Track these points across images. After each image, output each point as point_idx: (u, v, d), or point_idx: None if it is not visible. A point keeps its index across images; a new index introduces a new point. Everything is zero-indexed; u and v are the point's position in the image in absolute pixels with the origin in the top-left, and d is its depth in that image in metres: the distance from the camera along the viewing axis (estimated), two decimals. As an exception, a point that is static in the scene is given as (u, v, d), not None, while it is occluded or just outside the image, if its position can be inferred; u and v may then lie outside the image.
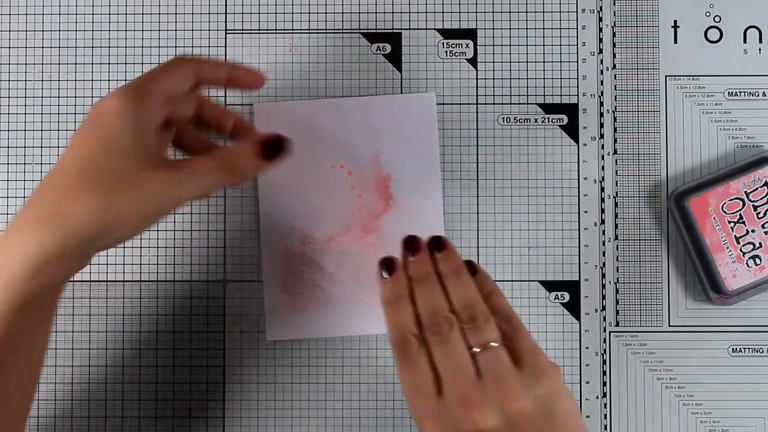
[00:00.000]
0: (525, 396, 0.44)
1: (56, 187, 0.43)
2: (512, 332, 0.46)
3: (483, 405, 0.44)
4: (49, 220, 0.42)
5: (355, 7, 0.58)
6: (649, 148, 0.58)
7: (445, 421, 0.44)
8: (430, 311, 0.47)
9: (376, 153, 0.57)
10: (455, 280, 0.48)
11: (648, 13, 0.58)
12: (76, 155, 0.43)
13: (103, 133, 0.43)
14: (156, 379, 0.57)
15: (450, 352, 0.45)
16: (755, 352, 0.57)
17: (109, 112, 0.44)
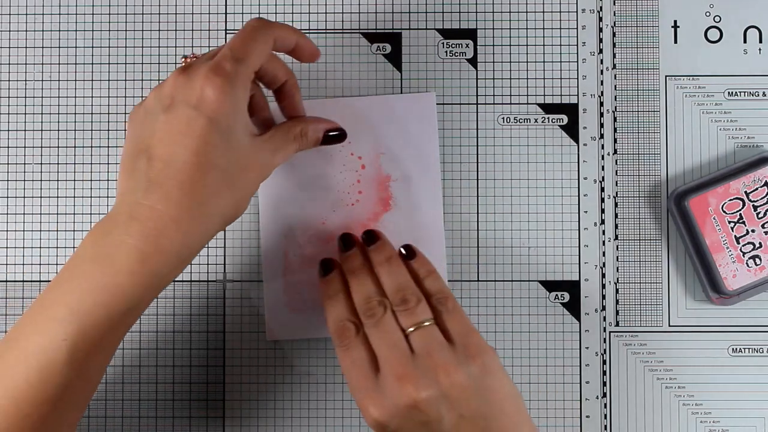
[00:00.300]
0: (458, 370, 0.46)
1: (178, 184, 0.44)
2: (447, 313, 0.49)
3: (417, 378, 0.46)
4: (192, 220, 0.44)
5: (355, 7, 0.58)
6: (649, 148, 0.58)
7: (384, 398, 0.46)
8: (363, 298, 0.49)
9: (376, 153, 0.57)
10: (387, 267, 0.51)
11: (648, 13, 0.58)
12: (188, 147, 0.44)
13: (212, 126, 0.44)
14: (156, 379, 0.57)
15: (384, 333, 0.48)
16: (755, 352, 0.57)
17: (211, 103, 0.44)
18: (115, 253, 0.43)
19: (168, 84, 0.45)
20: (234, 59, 0.45)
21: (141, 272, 0.43)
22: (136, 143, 0.45)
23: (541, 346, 0.57)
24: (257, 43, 0.46)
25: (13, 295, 0.57)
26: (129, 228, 0.43)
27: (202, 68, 0.45)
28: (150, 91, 0.50)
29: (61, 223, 0.57)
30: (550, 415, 0.57)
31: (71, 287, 0.44)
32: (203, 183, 0.44)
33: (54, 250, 0.57)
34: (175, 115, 0.44)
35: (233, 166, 0.45)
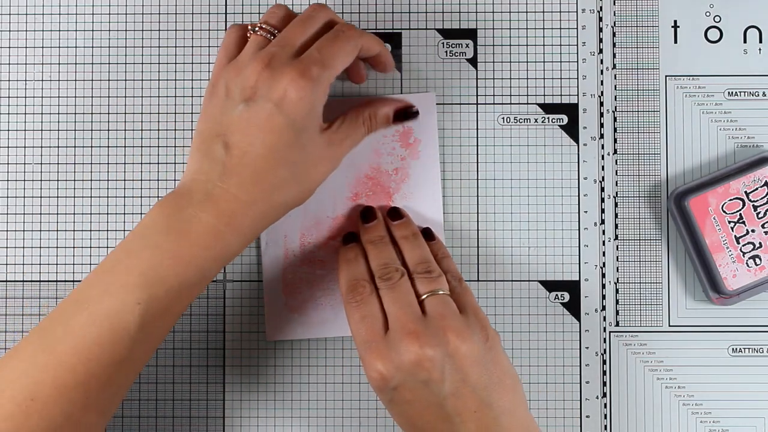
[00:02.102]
0: (466, 335, 0.48)
1: (252, 174, 0.47)
2: (461, 290, 0.51)
3: (426, 336, 0.47)
4: (261, 205, 0.47)
5: (356, 7, 0.58)
6: (649, 148, 0.58)
7: (390, 353, 0.47)
8: (382, 263, 0.51)
9: (376, 153, 0.57)
10: (412, 241, 0.53)
11: (648, 13, 0.58)
12: (265, 141, 0.47)
13: (289, 125, 0.47)
14: (156, 379, 0.57)
15: (399, 294, 0.49)
16: (755, 352, 0.57)
17: (292, 104, 0.47)
18: (189, 227, 0.46)
19: (251, 76, 0.47)
20: (321, 65, 0.47)
21: (214, 246, 0.47)
22: (213, 126, 0.48)
23: (541, 346, 0.57)
24: (344, 52, 0.49)
25: (13, 295, 0.57)
26: (205, 206, 0.47)
27: (287, 68, 0.47)
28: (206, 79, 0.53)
29: (61, 223, 0.57)
30: (550, 415, 0.57)
31: (144, 255, 0.46)
32: (274, 175, 0.47)
33: (54, 250, 0.57)
34: (256, 109, 0.47)
35: (303, 161, 0.48)
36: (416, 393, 0.47)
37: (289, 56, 0.48)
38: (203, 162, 0.48)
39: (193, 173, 0.48)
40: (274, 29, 0.50)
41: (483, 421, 0.47)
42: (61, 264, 0.57)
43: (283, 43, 0.48)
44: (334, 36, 0.49)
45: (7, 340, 0.57)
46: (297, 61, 0.47)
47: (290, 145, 0.47)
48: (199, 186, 0.47)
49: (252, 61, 0.48)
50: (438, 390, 0.47)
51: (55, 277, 0.57)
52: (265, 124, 0.47)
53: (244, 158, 0.47)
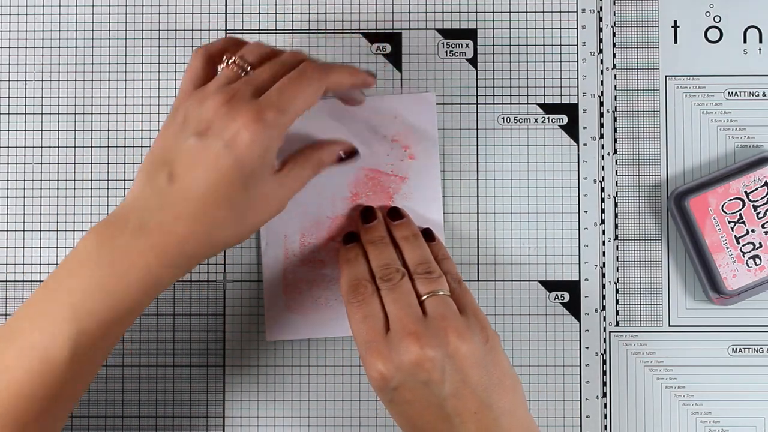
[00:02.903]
0: (467, 336, 0.48)
1: (191, 211, 0.45)
2: (461, 292, 0.51)
3: (427, 337, 0.47)
4: (196, 244, 0.46)
5: (355, 7, 0.58)
6: (649, 148, 0.58)
7: (391, 353, 0.47)
8: (382, 264, 0.51)
9: (376, 153, 0.57)
10: (413, 242, 0.53)
11: (648, 13, 0.58)
12: (209, 180, 0.45)
13: (237, 168, 0.45)
14: (156, 379, 0.57)
15: (400, 295, 0.49)
16: (755, 352, 0.57)
17: (243, 147, 0.45)
18: (121, 259, 0.45)
19: (209, 109, 0.46)
20: (278, 109, 0.45)
21: (143, 280, 0.45)
22: (163, 153, 0.46)
23: (541, 346, 0.57)
24: (305, 95, 0.47)
25: (13, 295, 0.57)
26: (137, 238, 0.45)
27: (244, 108, 0.45)
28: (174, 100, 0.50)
29: (61, 223, 0.57)
30: (550, 415, 0.57)
31: (74, 287, 0.45)
32: (214, 215, 0.45)
33: (54, 250, 0.57)
34: (207, 145, 0.45)
35: (247, 204, 0.46)
36: (416, 393, 0.47)
37: (251, 95, 0.46)
38: (145, 188, 0.46)
39: (134, 198, 0.46)
40: (248, 66, 0.48)
41: (483, 422, 0.47)
42: (61, 264, 0.57)
43: (249, 81, 0.47)
44: (297, 76, 0.47)
45: (7, 340, 0.57)
46: (255, 102, 0.45)
47: (235, 187, 0.45)
48: (136, 214, 0.45)
49: (214, 95, 0.46)
50: (438, 390, 0.47)
51: (55, 277, 0.57)
52: (212, 162, 0.45)
53: (186, 193, 0.45)
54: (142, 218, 0.45)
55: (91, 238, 0.46)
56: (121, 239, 0.45)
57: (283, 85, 0.46)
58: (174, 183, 0.45)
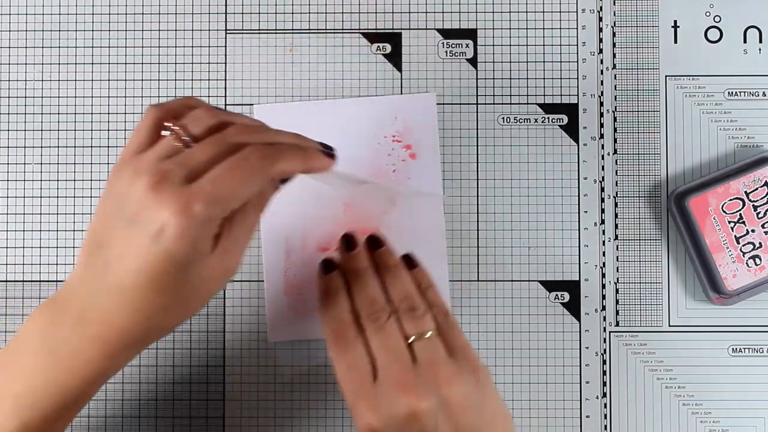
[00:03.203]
0: (458, 381, 0.46)
1: (129, 302, 0.42)
2: (447, 327, 0.49)
3: (418, 388, 0.45)
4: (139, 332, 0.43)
5: (355, 7, 0.58)
6: (649, 148, 0.58)
7: (380, 404, 0.45)
8: (368, 300, 0.48)
9: (376, 153, 0.57)
10: (394, 272, 0.50)
11: (648, 13, 0.58)
12: (142, 271, 0.41)
13: (169, 259, 0.41)
14: (156, 379, 0.57)
15: (387, 339, 0.47)
16: (755, 352, 0.57)
17: (170, 240, 0.40)
18: (62, 350, 0.43)
19: (137, 192, 0.41)
20: (210, 201, 0.40)
21: (87, 372, 0.43)
22: (100, 235, 0.43)
23: (541, 346, 0.57)
24: (245, 187, 0.41)
25: (13, 295, 0.57)
26: (77, 328, 0.43)
27: (172, 197, 0.40)
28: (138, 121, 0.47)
29: (61, 223, 0.57)
30: (550, 415, 0.57)
31: (17, 375, 0.44)
32: (154, 303, 0.42)
33: (54, 250, 0.57)
34: (136, 234, 0.41)
35: (188, 287, 0.43)
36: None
37: (182, 180, 0.40)
38: (86, 272, 0.43)
39: (75, 283, 0.44)
40: (190, 139, 0.42)
41: None
42: (61, 264, 0.57)
43: (183, 162, 0.41)
44: (236, 165, 0.41)
45: (7, 340, 0.57)
46: (184, 190, 0.40)
47: (170, 276, 0.41)
48: (76, 303, 0.43)
49: (144, 175, 0.40)
50: None
51: (55, 277, 0.57)
52: (143, 253, 0.40)
53: (122, 283, 0.42)
54: (82, 308, 0.43)
55: (33, 323, 0.44)
56: (63, 329, 0.43)
57: (218, 172, 0.41)
58: (109, 271, 0.42)
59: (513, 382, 0.57)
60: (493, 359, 0.57)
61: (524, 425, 0.57)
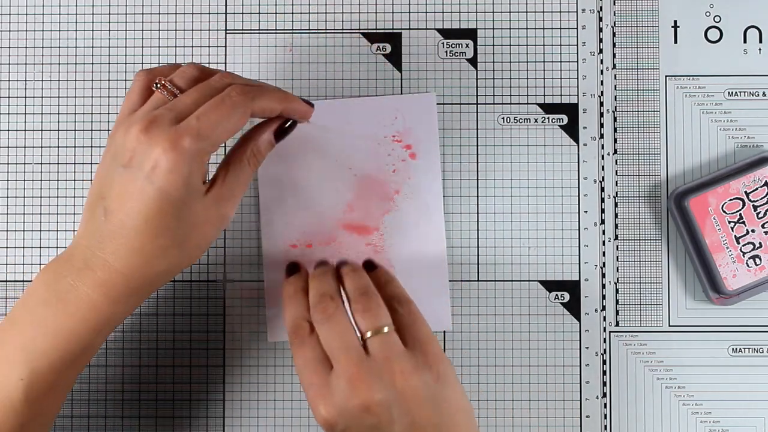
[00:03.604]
0: (414, 375, 0.46)
1: (129, 244, 0.45)
2: (409, 318, 0.49)
3: (371, 380, 0.45)
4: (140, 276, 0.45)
5: (355, 7, 0.58)
6: (649, 148, 0.58)
7: (334, 397, 0.46)
8: (318, 294, 0.49)
9: (376, 153, 0.57)
10: (351, 274, 0.51)
11: (648, 13, 0.58)
12: (140, 212, 0.44)
13: (163, 197, 0.44)
14: (156, 379, 0.57)
15: (336, 331, 0.47)
16: (755, 352, 0.57)
17: (163, 176, 0.44)
18: (67, 298, 0.45)
19: (131, 139, 0.44)
20: (197, 135, 0.44)
21: (92, 318, 0.45)
22: (99, 188, 0.46)
23: (541, 346, 0.57)
24: (227, 121, 0.45)
25: (13, 295, 0.57)
26: (82, 275, 0.45)
27: (162, 136, 0.44)
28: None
29: (61, 223, 0.57)
30: (550, 415, 0.57)
31: (25, 328, 0.45)
32: (152, 245, 0.45)
33: (54, 251, 0.57)
34: (131, 177, 0.44)
35: (185, 228, 0.45)
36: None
37: (170, 122, 0.44)
38: (87, 224, 0.46)
39: (78, 236, 0.46)
40: (177, 89, 0.47)
41: None
42: (61, 264, 0.57)
43: (171, 107, 0.45)
44: (219, 101, 0.45)
45: (7, 340, 0.57)
46: (173, 129, 0.44)
47: (166, 215, 0.44)
48: (80, 252, 0.45)
49: (137, 122, 0.45)
50: None
51: (55, 277, 0.57)
52: (138, 194, 0.44)
53: (122, 227, 0.44)
54: (85, 257, 0.45)
55: (41, 277, 0.46)
56: (68, 278, 0.45)
57: (203, 110, 0.45)
58: (109, 218, 0.45)
59: (513, 382, 0.57)
60: (493, 359, 0.57)
61: (524, 425, 0.57)
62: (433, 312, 0.56)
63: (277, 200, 0.57)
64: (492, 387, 0.57)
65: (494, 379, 0.57)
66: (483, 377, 0.57)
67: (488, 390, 0.57)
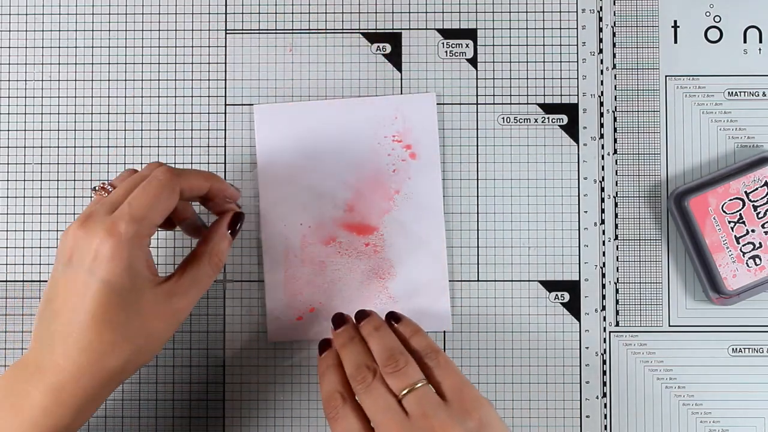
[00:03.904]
0: (455, 426, 0.45)
1: (77, 343, 0.44)
2: (438, 368, 0.48)
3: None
4: (91, 376, 0.45)
5: (355, 7, 0.58)
6: (649, 148, 0.58)
7: None
8: (354, 366, 0.49)
9: (377, 153, 0.57)
10: (375, 334, 0.51)
11: (648, 13, 0.58)
12: (84, 308, 0.44)
13: (107, 288, 0.44)
14: (156, 379, 0.57)
15: (376, 398, 0.47)
16: (755, 352, 0.57)
17: (104, 266, 0.44)
18: (21, 402, 0.45)
19: (68, 237, 0.46)
20: (131, 219, 0.45)
21: (44, 423, 0.45)
22: (47, 294, 0.46)
23: (541, 346, 0.57)
24: (159, 201, 0.46)
25: (13, 295, 0.57)
26: (35, 380, 0.45)
27: (99, 225, 0.45)
28: None
29: (61, 223, 0.57)
30: (550, 415, 0.57)
31: None
32: (99, 341, 0.45)
33: (54, 250, 0.57)
34: (73, 275, 0.45)
35: (134, 321, 0.45)
36: None
37: (105, 213, 0.45)
38: (38, 329, 0.46)
39: (32, 342, 0.47)
40: (112, 188, 0.48)
41: None
42: (61, 264, 0.57)
43: (104, 201, 0.47)
44: (147, 184, 0.46)
45: (6, 340, 0.57)
46: (108, 218, 0.45)
47: (113, 307, 0.44)
48: (33, 357, 0.46)
49: (74, 222, 0.46)
50: None
51: (55, 277, 0.57)
52: (82, 289, 0.44)
53: (69, 326, 0.44)
54: (38, 360, 0.45)
55: (3, 378, 0.46)
56: (22, 381, 0.45)
57: (134, 195, 0.46)
58: (57, 319, 0.45)
59: (513, 382, 0.57)
60: (493, 359, 0.57)
61: (524, 425, 0.57)
62: (433, 312, 0.56)
63: (276, 200, 0.57)
64: (492, 387, 0.57)
65: (494, 379, 0.57)
66: (483, 377, 0.57)
67: (488, 390, 0.57)
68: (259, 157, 0.57)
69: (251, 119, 0.57)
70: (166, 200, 0.47)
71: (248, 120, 0.57)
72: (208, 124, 0.58)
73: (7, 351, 0.57)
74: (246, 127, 0.58)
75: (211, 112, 0.58)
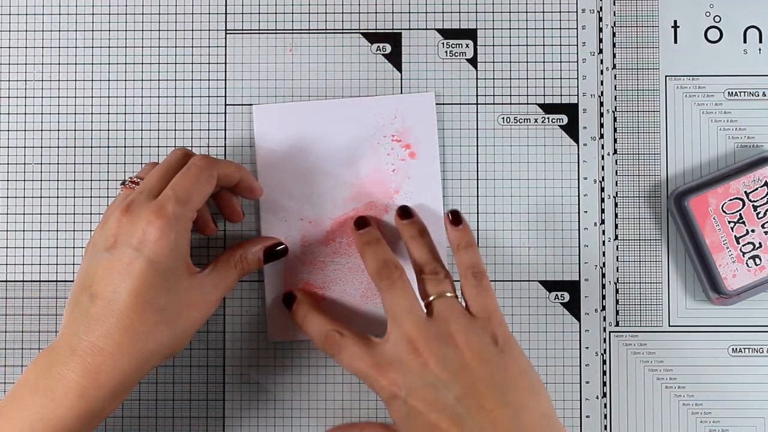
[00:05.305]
0: (474, 335, 0.47)
1: (118, 323, 0.45)
2: (479, 290, 0.50)
3: (430, 337, 0.47)
4: (129, 357, 0.46)
5: (355, 7, 0.58)
6: (649, 148, 0.58)
7: (395, 364, 0.47)
8: (381, 262, 0.51)
9: (376, 153, 0.57)
10: (420, 239, 0.53)
11: (648, 13, 0.58)
12: (128, 287, 0.46)
13: (152, 267, 0.46)
14: (156, 379, 0.57)
15: (400, 296, 0.49)
16: (755, 352, 0.57)
17: (152, 245, 0.46)
18: (55, 386, 0.45)
19: (112, 224, 0.47)
20: (177, 201, 0.47)
21: (79, 406, 0.45)
22: (82, 279, 0.47)
23: (541, 346, 0.57)
24: (200, 184, 0.48)
25: (13, 295, 0.57)
26: (69, 362, 0.45)
27: (144, 209, 0.47)
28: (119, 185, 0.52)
29: (61, 223, 0.57)
30: (550, 415, 0.57)
31: (12, 416, 0.45)
32: (141, 321, 0.46)
33: (54, 250, 0.57)
34: (117, 256, 0.46)
35: (173, 305, 0.47)
36: (427, 399, 0.46)
37: (147, 199, 0.47)
38: (72, 315, 0.47)
39: (63, 327, 0.47)
40: (139, 180, 0.50)
41: (499, 420, 0.45)
42: (61, 264, 0.57)
43: (142, 188, 0.48)
44: (187, 170, 0.49)
45: (6, 340, 0.57)
46: (153, 202, 0.47)
47: (156, 288, 0.46)
48: (65, 342, 0.46)
49: (114, 211, 0.48)
50: (448, 391, 0.46)
51: (55, 277, 0.57)
52: (126, 269, 0.46)
53: (109, 307, 0.45)
54: (72, 344, 0.46)
55: (30, 368, 0.46)
56: (56, 366, 0.45)
57: (176, 181, 0.48)
58: (96, 301, 0.46)
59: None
60: (493, 359, 0.57)
61: (524, 425, 0.57)
62: (433, 312, 0.56)
63: (276, 199, 0.57)
64: (492, 387, 0.57)
65: (494, 379, 0.57)
66: (483, 377, 0.57)
67: (488, 390, 0.57)
68: (258, 157, 0.57)
69: (251, 119, 0.57)
70: (206, 184, 0.49)
71: (248, 120, 0.57)
72: (208, 124, 0.58)
73: (7, 351, 0.57)
74: (246, 127, 0.58)
75: (211, 112, 0.58)
